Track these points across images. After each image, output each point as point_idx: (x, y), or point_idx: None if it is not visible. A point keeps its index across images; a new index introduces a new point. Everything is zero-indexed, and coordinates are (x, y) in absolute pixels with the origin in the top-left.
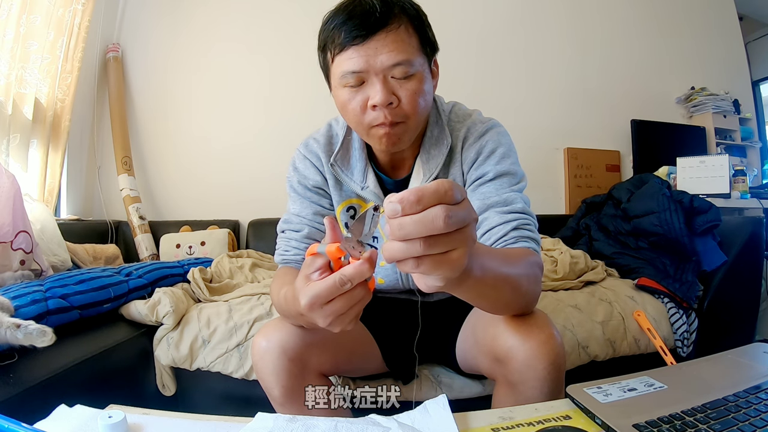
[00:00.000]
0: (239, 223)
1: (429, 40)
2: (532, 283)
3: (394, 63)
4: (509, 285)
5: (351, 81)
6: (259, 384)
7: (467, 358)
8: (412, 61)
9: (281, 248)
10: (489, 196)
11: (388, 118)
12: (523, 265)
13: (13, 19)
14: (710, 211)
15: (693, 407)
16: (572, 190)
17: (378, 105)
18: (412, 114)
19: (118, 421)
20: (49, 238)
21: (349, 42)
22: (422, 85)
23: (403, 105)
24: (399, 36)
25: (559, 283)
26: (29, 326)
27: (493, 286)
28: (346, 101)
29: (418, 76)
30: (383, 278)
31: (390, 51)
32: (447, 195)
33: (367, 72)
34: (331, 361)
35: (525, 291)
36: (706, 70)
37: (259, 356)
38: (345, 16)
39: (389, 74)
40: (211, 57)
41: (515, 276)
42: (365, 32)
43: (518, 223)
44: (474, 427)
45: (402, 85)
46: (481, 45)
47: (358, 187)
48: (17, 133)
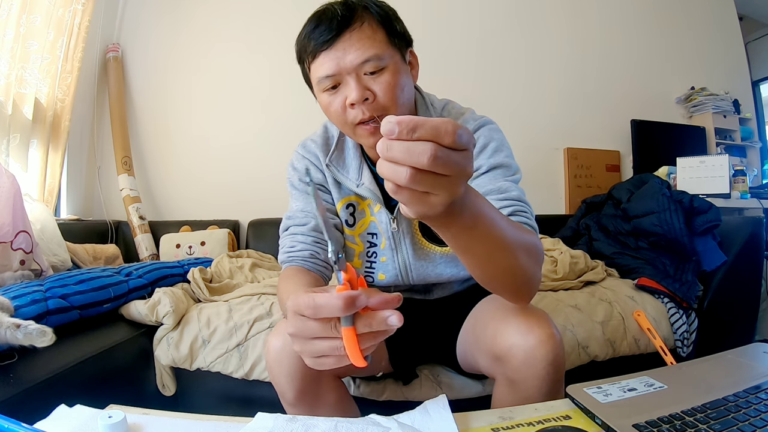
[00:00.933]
0: (239, 223)
1: (397, 32)
2: (530, 257)
3: (362, 60)
4: (503, 248)
5: (328, 84)
6: (259, 384)
7: (467, 356)
8: (380, 55)
9: (286, 246)
10: (483, 186)
11: (367, 113)
12: (522, 235)
13: (13, 19)
14: (710, 211)
15: (693, 407)
16: (572, 190)
17: (355, 102)
18: (391, 105)
19: (118, 421)
20: (49, 238)
21: (318, 48)
22: (397, 77)
23: (380, 99)
24: (363, 33)
25: (559, 283)
26: (29, 326)
27: (483, 242)
28: (328, 104)
29: (391, 68)
30: (384, 274)
31: (357, 49)
32: (446, 135)
33: (339, 74)
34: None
35: (521, 264)
36: (706, 70)
37: (274, 358)
38: (312, 25)
39: (361, 71)
40: (211, 57)
41: (510, 240)
42: (331, 36)
43: (515, 209)
44: (474, 427)
45: (375, 79)
46: (480, 45)
47: (354, 185)
48: (17, 133)
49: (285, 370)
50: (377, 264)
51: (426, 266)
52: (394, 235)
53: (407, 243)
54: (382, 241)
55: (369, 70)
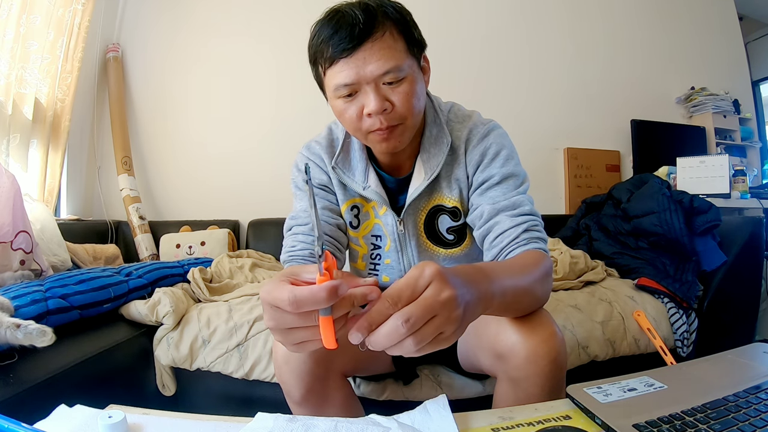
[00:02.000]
0: (239, 223)
1: (415, 39)
2: (546, 285)
3: (383, 72)
4: (528, 295)
5: (344, 92)
6: (259, 384)
7: (469, 355)
8: (401, 66)
9: (287, 246)
10: (498, 200)
11: (384, 123)
12: (538, 272)
13: (13, 19)
14: (710, 211)
15: (693, 407)
16: (572, 190)
17: (373, 113)
18: (408, 115)
19: (118, 421)
20: (49, 238)
21: (337, 55)
22: (414, 86)
23: (398, 109)
24: (385, 43)
25: (559, 283)
26: (29, 326)
27: (514, 301)
28: (342, 111)
29: (409, 78)
30: (388, 276)
31: (378, 60)
32: (402, 298)
33: (358, 83)
34: (352, 363)
35: (540, 295)
36: (706, 70)
37: (283, 358)
38: (331, 29)
39: (380, 81)
40: (211, 57)
41: (531, 285)
42: (352, 45)
43: (528, 225)
44: (474, 427)
45: (394, 90)
46: (482, 45)
47: (360, 188)
48: (17, 133)
49: (293, 370)
50: (381, 266)
51: None
52: (400, 236)
53: (413, 245)
54: (387, 243)
55: (388, 81)
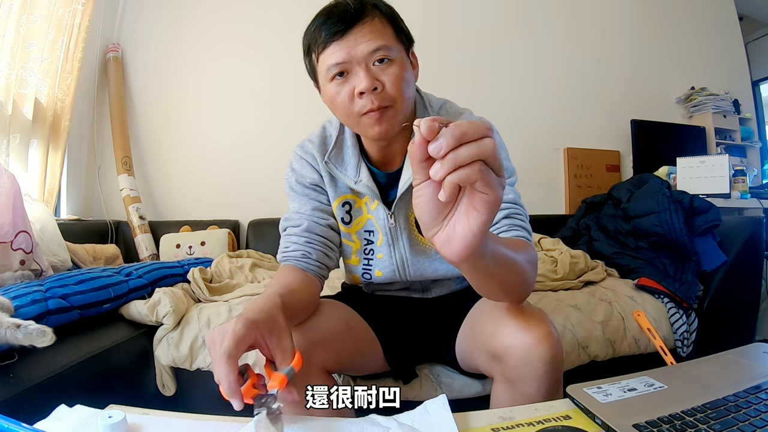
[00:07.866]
0: (239, 223)
1: (403, 31)
2: (533, 271)
3: (373, 49)
4: (516, 269)
5: (336, 71)
6: None
7: (466, 355)
8: (390, 46)
9: (282, 246)
10: None
11: (375, 103)
12: (525, 255)
13: (13, 19)
14: (710, 211)
15: (693, 407)
16: (572, 190)
17: (364, 91)
18: (398, 97)
19: (118, 421)
20: (49, 238)
21: (330, 38)
22: (403, 71)
23: (388, 89)
24: (374, 26)
25: (559, 283)
26: (29, 326)
27: (503, 266)
28: (335, 94)
29: (398, 62)
30: (381, 270)
31: (368, 39)
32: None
33: (350, 62)
34: (335, 359)
35: (527, 278)
36: (706, 70)
37: None
38: (324, 17)
39: (370, 61)
40: (212, 57)
41: (520, 261)
42: (344, 27)
43: (509, 212)
44: (474, 427)
45: (384, 70)
46: (480, 44)
47: (352, 182)
48: (17, 133)
49: None
50: (374, 261)
51: (423, 262)
52: (391, 230)
53: (404, 238)
54: (379, 238)
55: (378, 58)
